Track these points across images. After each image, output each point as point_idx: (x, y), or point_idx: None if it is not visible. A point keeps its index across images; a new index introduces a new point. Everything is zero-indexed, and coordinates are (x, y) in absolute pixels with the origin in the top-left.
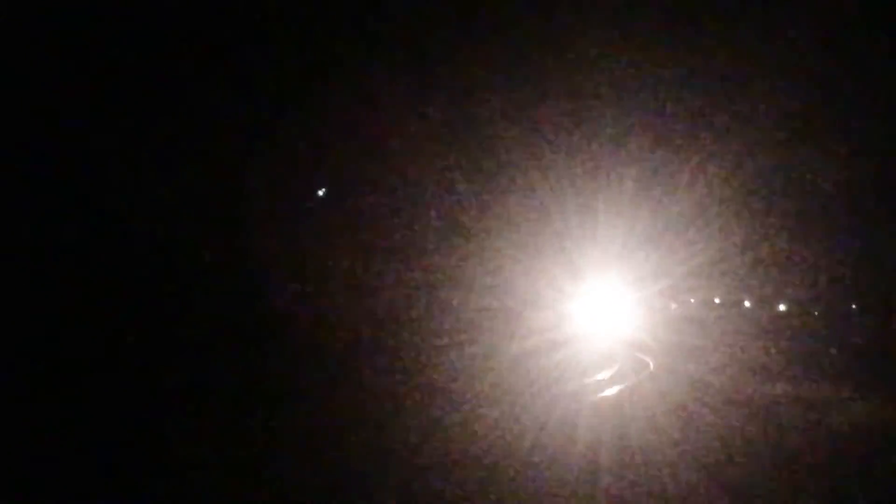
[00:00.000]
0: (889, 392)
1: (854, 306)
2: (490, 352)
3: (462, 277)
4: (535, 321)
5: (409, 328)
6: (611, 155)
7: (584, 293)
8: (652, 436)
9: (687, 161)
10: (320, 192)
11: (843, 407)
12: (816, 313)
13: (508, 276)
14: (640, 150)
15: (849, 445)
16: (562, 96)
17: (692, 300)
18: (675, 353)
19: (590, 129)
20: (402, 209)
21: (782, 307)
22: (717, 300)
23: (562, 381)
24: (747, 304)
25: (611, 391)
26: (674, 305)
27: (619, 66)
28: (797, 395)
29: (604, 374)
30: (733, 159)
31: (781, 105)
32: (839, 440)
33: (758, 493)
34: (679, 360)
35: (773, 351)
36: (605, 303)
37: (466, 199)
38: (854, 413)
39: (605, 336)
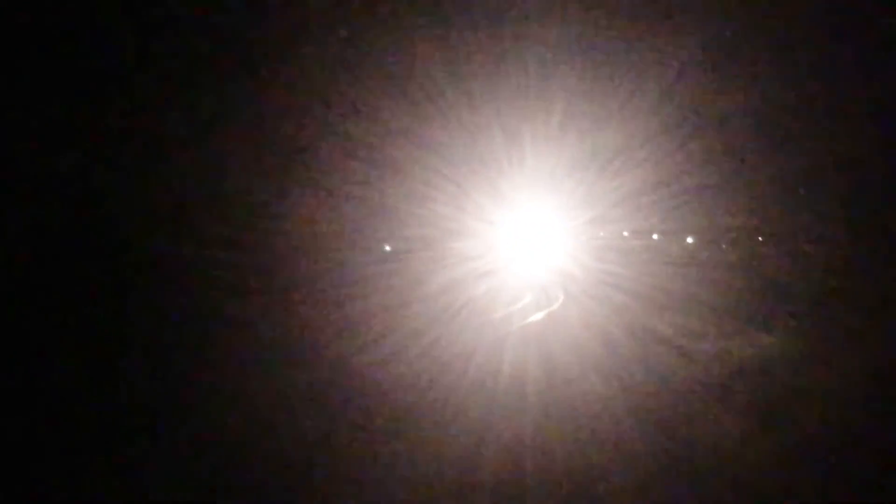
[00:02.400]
0: (784, 325)
1: (761, 238)
2: (415, 282)
3: (385, 207)
4: (460, 250)
5: (329, 260)
6: (538, 81)
7: (510, 222)
8: (574, 356)
9: (615, 91)
10: None
11: (743, 339)
12: (724, 246)
13: (432, 206)
14: (568, 76)
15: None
16: (487, 20)
17: (624, 232)
18: (598, 281)
19: (515, 53)
20: (318, 138)
21: (689, 239)
22: (625, 233)
23: (487, 309)
24: (655, 236)
25: (536, 317)
26: (601, 234)
27: None
28: (697, 328)
29: (530, 301)
30: (661, 92)
31: (707, 42)
32: (729, 369)
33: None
34: (601, 288)
35: (681, 282)
36: (531, 231)
37: (387, 127)
38: (746, 345)
39: (533, 264)
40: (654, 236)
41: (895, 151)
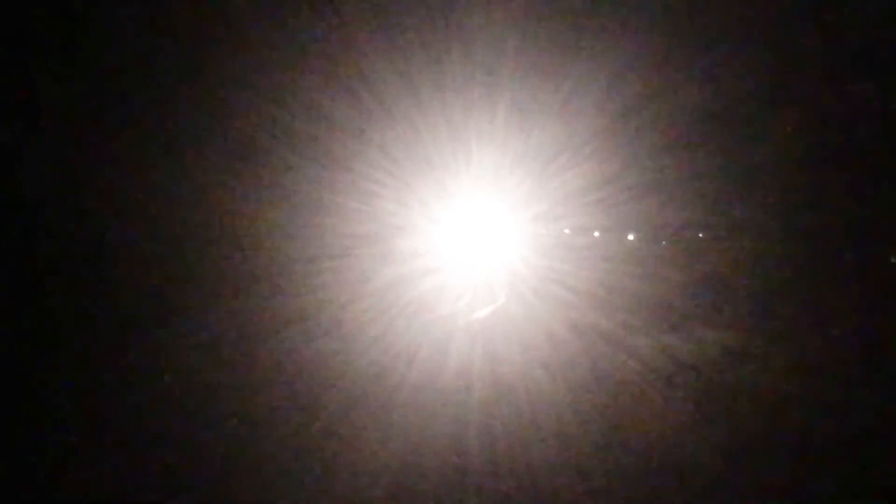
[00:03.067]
0: (723, 320)
1: (700, 235)
2: (361, 279)
3: (330, 203)
4: (405, 247)
5: (274, 255)
6: (483, 78)
7: (455, 219)
8: (518, 352)
9: (558, 89)
10: None
11: (683, 334)
12: (664, 242)
13: (378, 202)
14: (513, 73)
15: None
16: (432, 15)
17: (566, 229)
18: (542, 278)
19: (460, 49)
20: (261, 134)
21: (630, 236)
22: (566, 230)
23: (433, 305)
24: (596, 233)
25: (481, 314)
26: (544, 231)
27: None
28: (637, 323)
29: (475, 298)
30: (603, 89)
31: (650, 39)
32: (669, 363)
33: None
34: (544, 284)
35: (622, 278)
36: (475, 229)
37: (332, 123)
38: (685, 340)
39: (477, 261)
40: (596, 233)
41: (838, 148)
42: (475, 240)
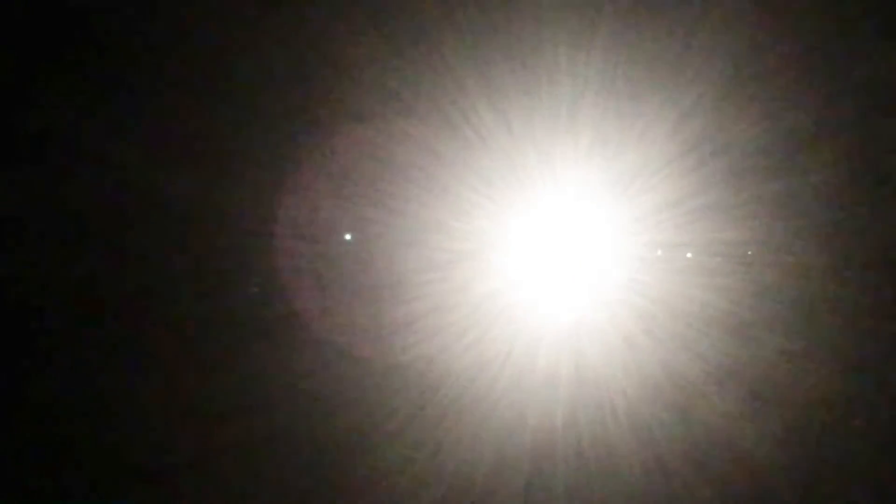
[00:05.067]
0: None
1: (749, 251)
2: (458, 289)
3: (432, 222)
4: (497, 261)
5: (379, 267)
6: (569, 106)
7: (544, 235)
8: (601, 359)
9: (638, 113)
10: None
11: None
12: (719, 258)
13: (473, 221)
14: (597, 100)
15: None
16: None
17: (658, 250)
18: (621, 288)
19: (549, 77)
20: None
21: (689, 254)
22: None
23: (524, 312)
24: (689, 254)
25: (567, 320)
26: (622, 246)
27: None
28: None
29: (559, 306)
30: (676, 119)
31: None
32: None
33: None
34: (624, 294)
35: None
36: (564, 243)
37: (434, 151)
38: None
39: (563, 273)
40: (688, 254)
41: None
42: (562, 254)
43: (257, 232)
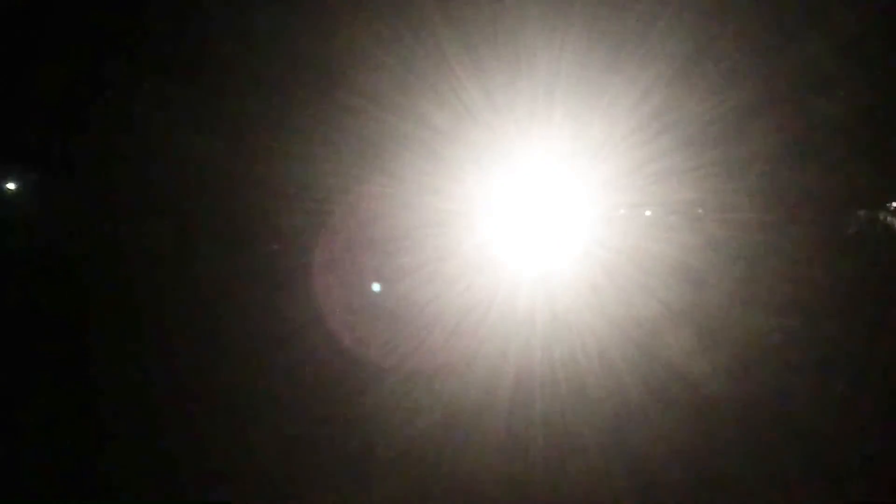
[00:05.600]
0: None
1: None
2: (450, 243)
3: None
4: (482, 221)
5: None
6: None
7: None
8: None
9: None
10: None
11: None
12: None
13: (462, 184)
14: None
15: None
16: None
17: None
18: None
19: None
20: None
21: (647, 212)
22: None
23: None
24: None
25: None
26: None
27: None
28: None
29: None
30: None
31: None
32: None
33: None
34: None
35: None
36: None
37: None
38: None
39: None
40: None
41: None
42: (538, 213)
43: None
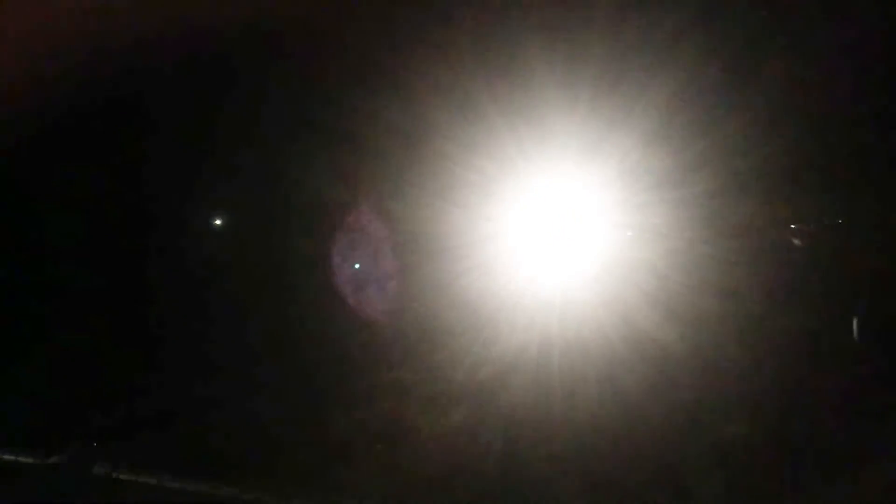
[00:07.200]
0: None
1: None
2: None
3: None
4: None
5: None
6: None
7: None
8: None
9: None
10: None
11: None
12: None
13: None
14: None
15: None
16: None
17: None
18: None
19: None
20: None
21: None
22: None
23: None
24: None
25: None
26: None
27: None
28: None
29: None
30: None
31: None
32: None
33: None
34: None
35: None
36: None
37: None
38: None
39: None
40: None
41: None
42: (552, 233)
43: None
